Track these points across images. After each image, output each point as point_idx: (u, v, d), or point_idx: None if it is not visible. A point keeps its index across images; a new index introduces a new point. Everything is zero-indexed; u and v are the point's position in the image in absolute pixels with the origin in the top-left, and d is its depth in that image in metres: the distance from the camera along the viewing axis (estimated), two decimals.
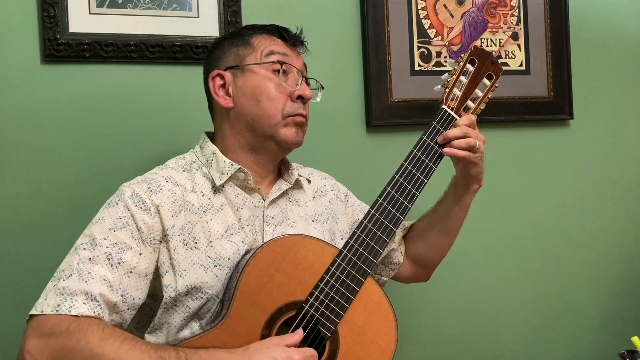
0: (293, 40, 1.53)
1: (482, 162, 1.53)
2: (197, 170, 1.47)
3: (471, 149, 1.45)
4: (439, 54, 2.06)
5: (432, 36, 2.06)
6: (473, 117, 1.49)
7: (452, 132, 1.45)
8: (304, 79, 1.51)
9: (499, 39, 2.14)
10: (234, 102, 1.47)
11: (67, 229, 1.54)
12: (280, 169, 1.57)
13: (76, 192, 1.74)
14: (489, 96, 1.52)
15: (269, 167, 1.52)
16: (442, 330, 2.12)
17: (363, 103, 2.02)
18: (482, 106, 1.52)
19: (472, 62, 1.51)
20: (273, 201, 1.50)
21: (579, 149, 2.26)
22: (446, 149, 1.45)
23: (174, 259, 1.37)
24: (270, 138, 1.47)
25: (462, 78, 1.50)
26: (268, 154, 1.50)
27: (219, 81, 1.49)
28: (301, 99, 1.48)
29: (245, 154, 1.49)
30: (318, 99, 1.58)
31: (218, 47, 1.53)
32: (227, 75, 1.48)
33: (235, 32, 1.56)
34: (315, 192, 1.62)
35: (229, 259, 1.41)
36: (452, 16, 2.09)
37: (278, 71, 1.47)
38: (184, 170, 1.47)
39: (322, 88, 1.60)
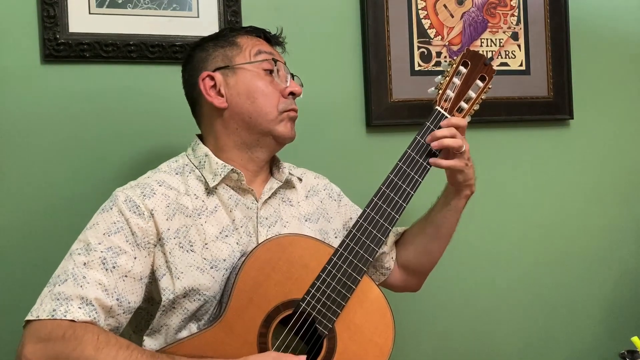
0: (275, 41, 1.58)
1: (472, 169, 1.54)
2: (190, 173, 1.47)
3: (457, 150, 1.47)
4: (439, 54, 2.07)
5: (432, 36, 2.06)
6: (464, 121, 1.50)
7: (440, 132, 1.46)
8: (292, 75, 1.54)
9: (499, 39, 2.14)
10: (227, 102, 1.48)
11: (67, 229, 1.54)
12: (272, 168, 1.57)
13: (76, 192, 1.74)
14: (482, 97, 1.54)
15: (263, 163, 1.53)
16: (440, 329, 2.12)
17: (363, 103, 2.02)
18: (476, 107, 1.53)
19: (464, 64, 1.52)
20: (266, 201, 1.50)
21: (579, 149, 2.26)
22: (431, 160, 1.46)
23: (170, 262, 1.37)
24: (268, 134, 1.48)
25: (455, 80, 1.51)
26: (264, 150, 1.51)
27: (209, 82, 1.49)
28: (292, 94, 1.52)
29: (240, 152, 1.49)
30: (301, 96, 1.58)
31: (200, 49, 1.53)
32: (217, 75, 1.48)
33: (216, 35, 1.56)
34: (308, 191, 1.62)
35: (224, 260, 1.41)
36: (452, 16, 2.09)
37: (268, 70, 1.50)
38: (177, 174, 1.47)
39: (302, 86, 1.59)
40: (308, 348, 1.38)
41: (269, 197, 1.51)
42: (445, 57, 2.07)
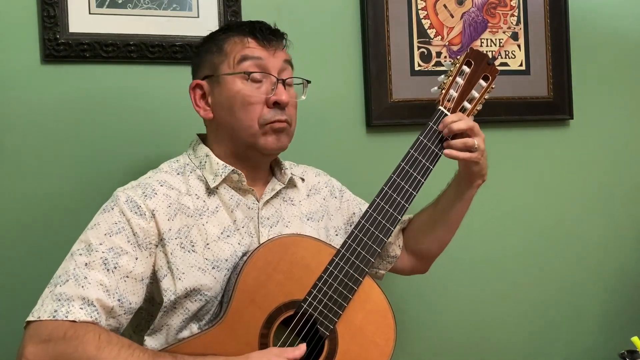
0: (267, 39, 1.46)
1: (485, 158, 1.52)
2: (190, 172, 1.47)
3: (469, 149, 1.46)
4: (439, 54, 2.06)
5: (432, 36, 2.06)
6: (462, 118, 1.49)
7: (456, 125, 1.44)
8: (281, 81, 1.45)
9: (499, 39, 2.14)
10: (213, 113, 1.46)
11: (68, 229, 1.54)
12: (274, 169, 1.57)
13: (76, 192, 1.74)
14: (486, 97, 1.53)
15: (259, 170, 1.52)
16: (441, 331, 2.12)
17: (363, 103, 2.02)
18: (479, 107, 1.53)
19: (468, 64, 1.51)
20: (267, 202, 1.50)
21: (579, 149, 2.26)
22: (446, 151, 1.45)
23: (171, 263, 1.37)
24: (251, 147, 1.45)
25: (458, 79, 1.50)
26: (253, 161, 1.49)
27: (199, 92, 1.48)
28: (278, 104, 1.44)
29: (234, 159, 1.47)
30: (303, 97, 1.54)
31: (197, 51, 1.52)
32: (205, 85, 1.47)
33: (213, 34, 1.51)
34: (310, 190, 1.61)
35: (226, 260, 1.41)
36: (452, 16, 2.09)
37: (253, 79, 1.43)
38: (178, 174, 1.46)
39: (309, 82, 1.54)
40: (309, 349, 1.37)
41: (271, 197, 1.51)
42: (445, 57, 2.06)
